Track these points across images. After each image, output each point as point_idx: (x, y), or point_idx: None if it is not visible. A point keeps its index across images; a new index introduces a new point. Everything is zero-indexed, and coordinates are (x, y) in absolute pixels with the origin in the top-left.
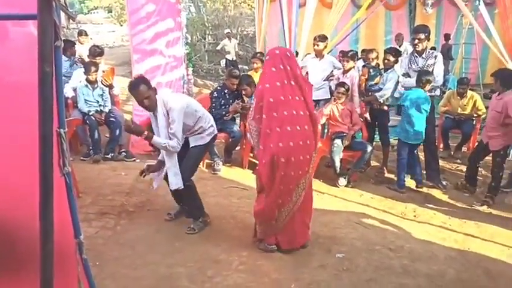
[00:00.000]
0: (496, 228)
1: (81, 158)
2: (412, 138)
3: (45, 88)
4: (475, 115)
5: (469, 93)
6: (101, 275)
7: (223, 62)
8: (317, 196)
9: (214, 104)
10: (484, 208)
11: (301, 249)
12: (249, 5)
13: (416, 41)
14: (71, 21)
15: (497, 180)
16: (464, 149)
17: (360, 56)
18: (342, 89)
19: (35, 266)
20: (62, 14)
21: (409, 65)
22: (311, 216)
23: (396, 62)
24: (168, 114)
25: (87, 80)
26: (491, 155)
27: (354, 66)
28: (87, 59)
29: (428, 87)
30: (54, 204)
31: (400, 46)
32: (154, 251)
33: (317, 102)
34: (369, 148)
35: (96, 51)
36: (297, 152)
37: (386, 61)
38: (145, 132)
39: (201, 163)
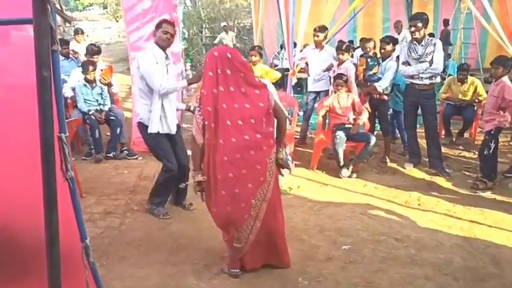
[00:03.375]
0: (500, 214)
1: (83, 157)
2: None
3: (44, 92)
4: (476, 101)
5: (470, 79)
6: (108, 276)
7: None
8: (320, 188)
9: None
10: (488, 194)
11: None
12: None
13: (413, 28)
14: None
15: (485, 161)
16: (466, 135)
17: (358, 45)
18: (340, 81)
19: (42, 271)
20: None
21: (409, 53)
22: (283, 238)
23: (393, 50)
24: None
25: (86, 79)
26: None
27: (348, 58)
28: (84, 58)
29: None
30: (60, 209)
31: (399, 34)
32: (160, 250)
33: (317, 93)
34: (373, 139)
35: (94, 50)
36: (236, 166)
37: (383, 50)
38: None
39: None
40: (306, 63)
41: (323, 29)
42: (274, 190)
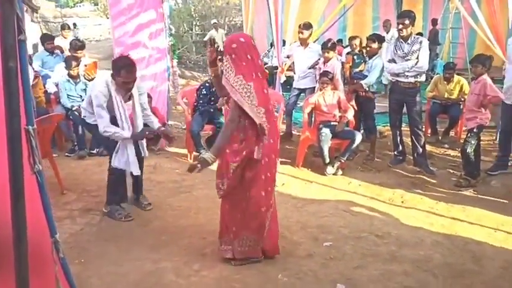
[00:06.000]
0: (482, 211)
1: (66, 154)
2: None
3: (10, 84)
4: (462, 99)
5: (456, 77)
6: (85, 273)
7: None
8: (305, 185)
9: (202, 101)
10: (471, 192)
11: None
12: None
13: (401, 26)
14: (57, 14)
15: (467, 159)
16: (451, 133)
17: (347, 44)
18: (326, 78)
19: (10, 266)
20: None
21: (395, 51)
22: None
23: (379, 48)
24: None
25: (69, 75)
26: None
27: (334, 56)
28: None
29: None
30: (28, 204)
31: (387, 33)
32: (140, 247)
33: (303, 90)
34: (358, 137)
35: (77, 45)
36: (272, 150)
37: (368, 48)
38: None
39: (188, 156)
40: (292, 62)
41: (308, 26)
42: None
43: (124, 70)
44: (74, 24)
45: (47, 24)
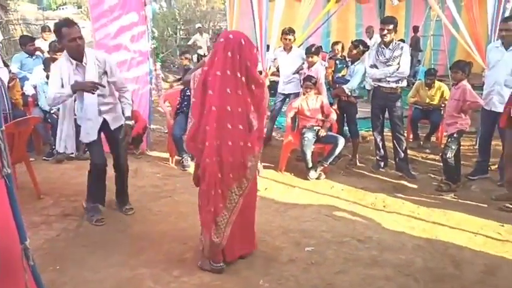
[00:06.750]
0: (462, 215)
1: (44, 158)
2: None
3: None
4: (442, 105)
5: (437, 83)
6: (61, 279)
7: (195, 57)
8: (287, 190)
9: (186, 102)
10: (451, 196)
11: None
12: None
13: (386, 31)
14: (39, 17)
15: (447, 164)
16: (433, 138)
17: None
18: (309, 83)
19: None
20: None
21: (377, 57)
22: (254, 224)
23: (363, 53)
24: (101, 68)
25: (48, 77)
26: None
27: (318, 61)
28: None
29: None
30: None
31: (370, 39)
32: (118, 253)
33: (286, 96)
34: (341, 141)
35: (56, 47)
36: (225, 153)
37: (350, 53)
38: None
39: (170, 160)
40: (277, 68)
41: (292, 31)
42: (252, 188)
43: (65, 28)
44: None
45: (28, 26)
